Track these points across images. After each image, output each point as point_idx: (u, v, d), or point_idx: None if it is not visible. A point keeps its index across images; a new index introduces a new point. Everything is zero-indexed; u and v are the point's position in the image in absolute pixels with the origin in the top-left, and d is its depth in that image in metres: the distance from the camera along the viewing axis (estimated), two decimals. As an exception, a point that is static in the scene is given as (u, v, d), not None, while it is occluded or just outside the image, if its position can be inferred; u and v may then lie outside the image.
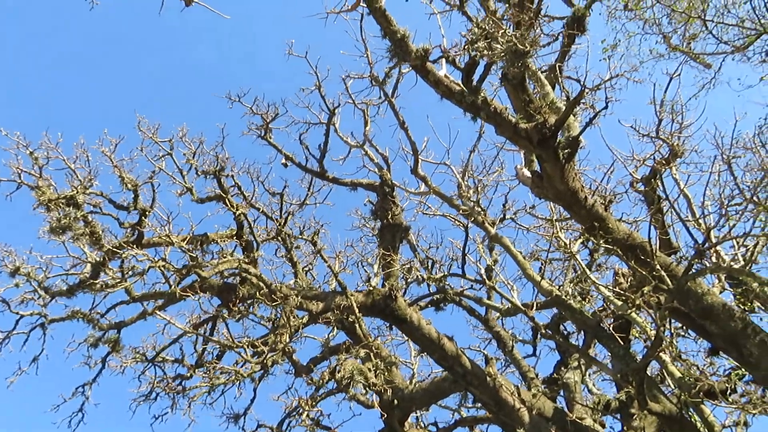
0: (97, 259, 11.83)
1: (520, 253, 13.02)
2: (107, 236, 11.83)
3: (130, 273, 11.44)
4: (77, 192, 11.53)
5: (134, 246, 11.26)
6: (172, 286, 10.49)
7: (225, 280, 12.10)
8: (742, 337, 9.38)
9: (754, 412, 6.99)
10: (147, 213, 11.89)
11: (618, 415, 12.46)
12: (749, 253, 10.90)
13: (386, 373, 10.61)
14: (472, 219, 12.46)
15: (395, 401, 12.00)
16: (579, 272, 13.71)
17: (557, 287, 12.93)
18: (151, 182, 12.12)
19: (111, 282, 11.83)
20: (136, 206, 11.97)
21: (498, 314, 13.99)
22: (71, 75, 35.03)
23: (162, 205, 12.31)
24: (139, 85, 35.56)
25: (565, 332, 15.35)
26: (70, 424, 13.11)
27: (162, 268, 10.14)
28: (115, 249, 11.36)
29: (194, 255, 10.21)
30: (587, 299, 13.70)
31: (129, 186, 11.85)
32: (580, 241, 12.46)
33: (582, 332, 14.72)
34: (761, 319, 10.41)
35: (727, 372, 11.93)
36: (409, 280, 12.54)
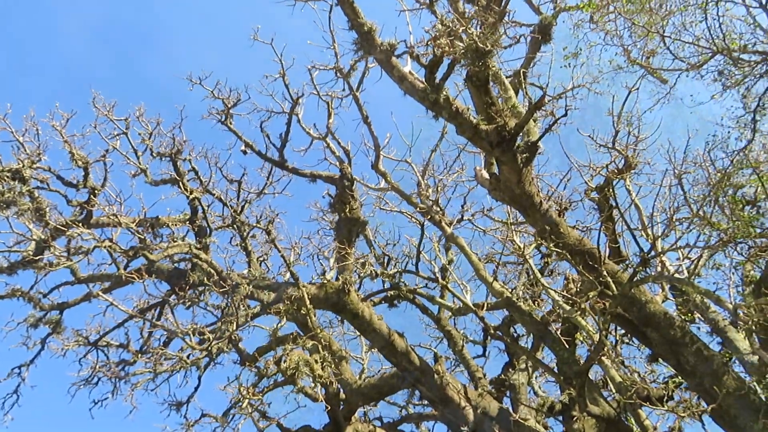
0: (42, 236, 11.42)
1: (475, 254, 13.15)
2: (54, 213, 11.44)
3: (75, 252, 11.08)
4: (24, 166, 11.11)
5: (81, 225, 10.91)
6: (119, 268, 10.21)
7: (176, 265, 11.86)
8: (680, 345, 9.71)
9: (683, 415, 7.24)
10: (97, 192, 11.54)
11: (561, 417, 12.74)
12: (693, 265, 11.30)
13: (333, 366, 10.57)
14: (429, 217, 12.52)
15: (342, 395, 11.98)
16: (531, 276, 13.92)
17: (509, 290, 13.11)
18: (103, 161, 11.77)
19: (55, 261, 11.43)
20: (86, 184, 11.59)
21: (450, 313, 14.09)
22: (25, 46, 33.77)
23: (114, 185, 11.96)
24: (103, 69, 34.55)
25: (515, 334, 15.58)
26: (4, 406, 12.71)
27: (109, 249, 9.86)
28: (61, 227, 10.98)
29: (143, 237, 9.95)
30: (538, 303, 13.93)
31: (79, 163, 11.47)
32: (534, 245, 12.66)
33: (531, 335, 14.98)
34: (699, 328, 10.82)
35: (665, 379, 12.34)
36: (362, 275, 12.53)
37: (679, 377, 11.08)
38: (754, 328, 8.73)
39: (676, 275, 10.63)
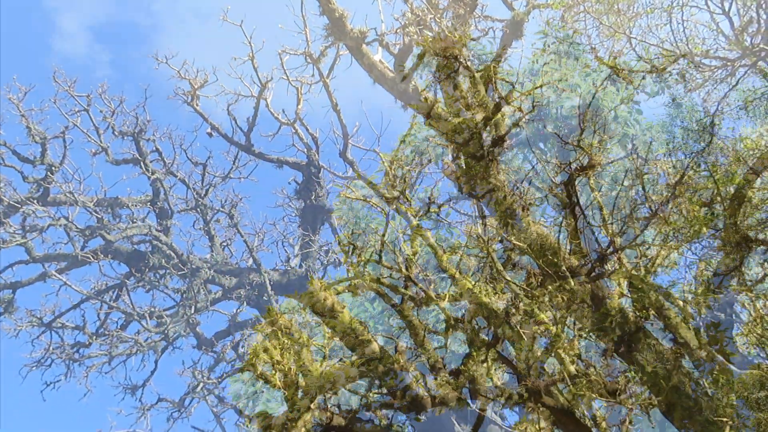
0: (-5, 213, 11.07)
1: (440, 246, 13.22)
2: (8, 189, 11.09)
3: (30, 230, 10.77)
4: (-22, 139, 10.72)
5: (37, 202, 10.60)
6: (76, 248, 9.96)
7: (135, 247, 11.64)
8: (633, 341, 9.97)
9: (631, 407, 7.43)
10: (55, 169, 11.22)
11: (517, 408, 12.97)
12: (650, 263, 11.56)
13: (292, 352, 10.54)
14: (394, 207, 12.56)
15: (302, 382, 11.96)
16: (494, 269, 14.05)
17: (473, 282, 13.22)
18: (62, 137, 11.44)
19: (9, 238, 11.11)
20: (43, 161, 11.26)
21: (413, 304, 14.18)
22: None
23: (73, 162, 11.65)
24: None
25: (477, 326, 15.75)
26: (-49, 387, 12.29)
27: (65, 228, 9.61)
28: (16, 204, 10.66)
29: (101, 217, 9.73)
30: (499, 296, 14.10)
31: (37, 138, 11.13)
32: (498, 239, 12.79)
33: (491, 327, 15.16)
34: (652, 324, 11.09)
35: (618, 374, 12.64)
36: (326, 262, 12.51)
37: (632, 371, 11.37)
38: (701, 324, 9.00)
39: (633, 272, 10.86)
